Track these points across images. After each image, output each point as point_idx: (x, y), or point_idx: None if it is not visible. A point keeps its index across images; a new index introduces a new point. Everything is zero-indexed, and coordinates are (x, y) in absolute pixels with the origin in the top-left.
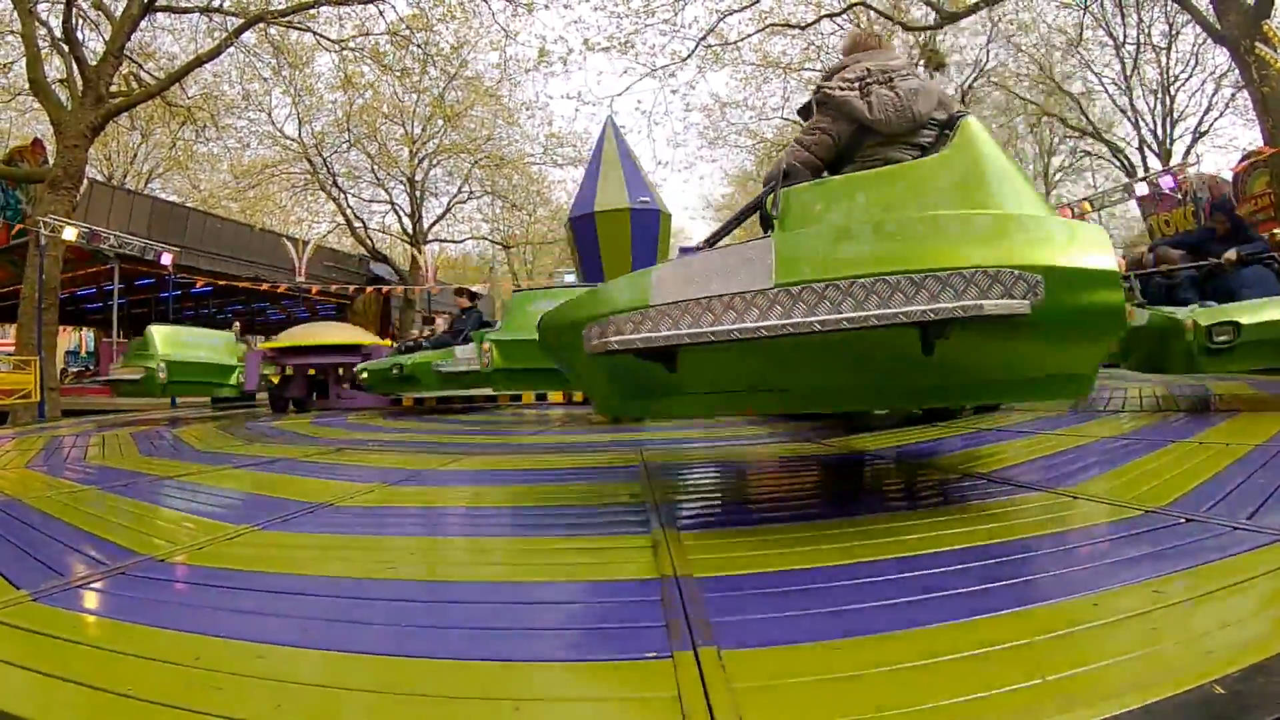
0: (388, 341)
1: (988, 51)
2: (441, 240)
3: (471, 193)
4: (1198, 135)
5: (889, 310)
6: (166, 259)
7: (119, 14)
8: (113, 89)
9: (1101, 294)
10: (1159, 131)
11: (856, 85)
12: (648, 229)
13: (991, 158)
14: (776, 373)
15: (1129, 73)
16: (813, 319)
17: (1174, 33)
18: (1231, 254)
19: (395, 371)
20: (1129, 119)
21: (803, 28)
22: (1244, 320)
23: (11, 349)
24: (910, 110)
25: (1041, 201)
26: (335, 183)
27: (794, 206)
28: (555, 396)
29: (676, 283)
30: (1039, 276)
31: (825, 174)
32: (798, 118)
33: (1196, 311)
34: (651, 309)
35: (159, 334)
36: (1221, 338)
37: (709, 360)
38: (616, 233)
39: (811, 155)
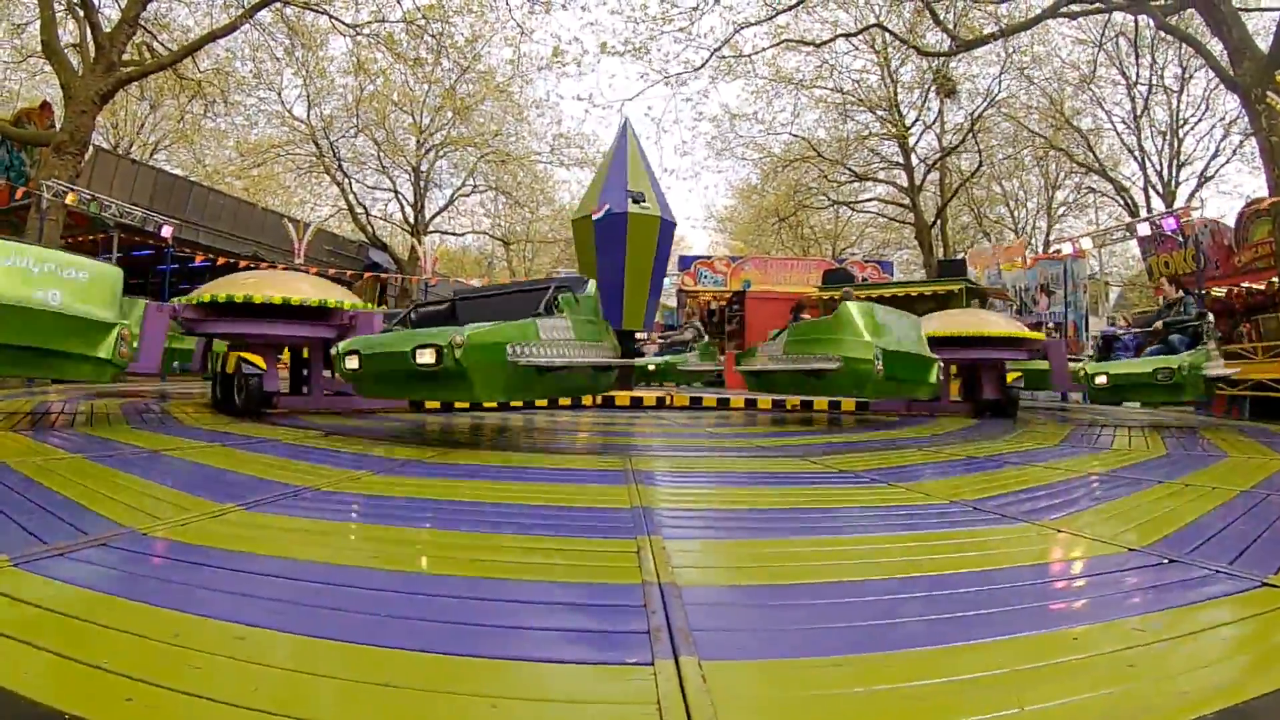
0: (371, 306)
1: (1000, 81)
2: (442, 232)
3: (475, 187)
4: (1203, 179)
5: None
6: (166, 231)
7: None
8: (125, 57)
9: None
10: (1165, 173)
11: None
12: (666, 238)
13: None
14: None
15: (1139, 113)
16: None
17: (1187, 76)
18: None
19: None
20: (1136, 158)
21: (817, 45)
22: (1111, 370)
23: None
24: None
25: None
26: (340, 167)
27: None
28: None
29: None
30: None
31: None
32: (804, 135)
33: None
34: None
35: None
36: (1099, 379)
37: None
38: (645, 239)
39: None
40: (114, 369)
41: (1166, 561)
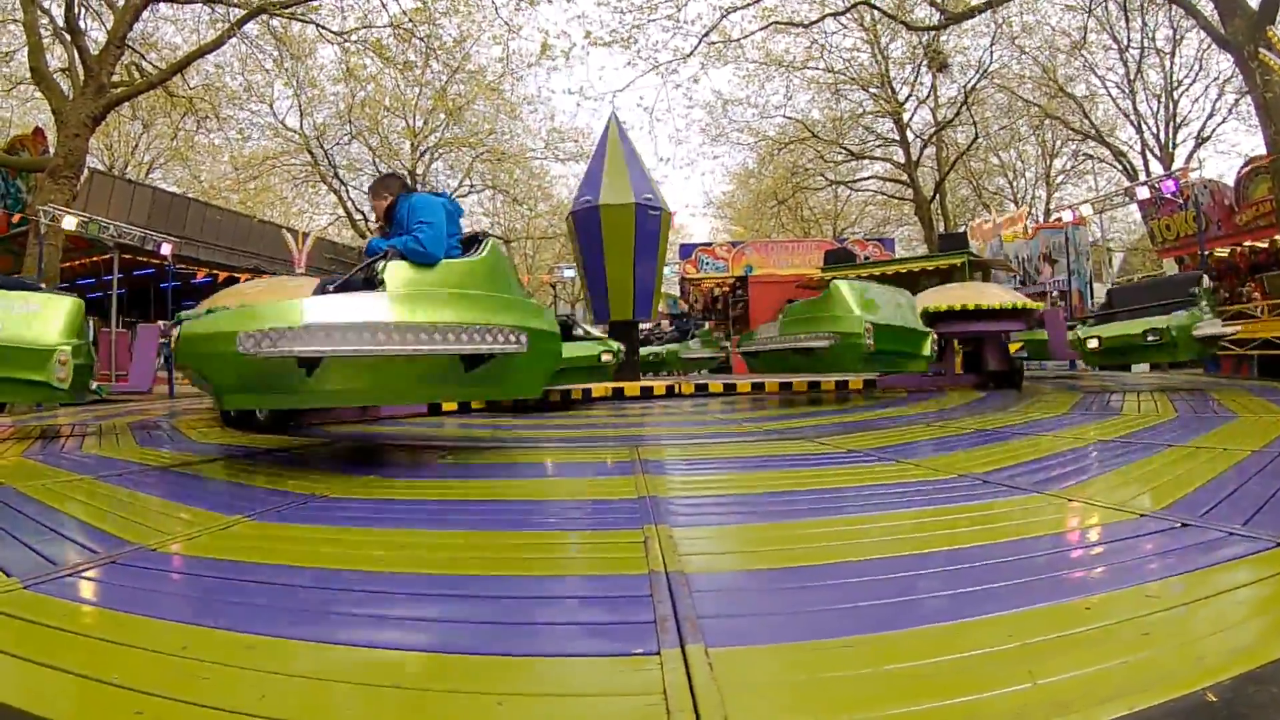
0: None
1: (991, 53)
2: None
3: (472, 186)
4: (1200, 140)
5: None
6: (166, 249)
7: (122, 3)
8: (114, 79)
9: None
10: (1161, 136)
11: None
12: (650, 226)
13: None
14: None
15: (1132, 76)
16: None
17: (1178, 37)
18: None
19: None
20: (1131, 123)
21: (806, 26)
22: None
23: None
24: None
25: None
26: (336, 175)
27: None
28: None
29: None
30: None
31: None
32: (798, 117)
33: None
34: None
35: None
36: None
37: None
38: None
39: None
40: (52, 391)
41: (1180, 525)
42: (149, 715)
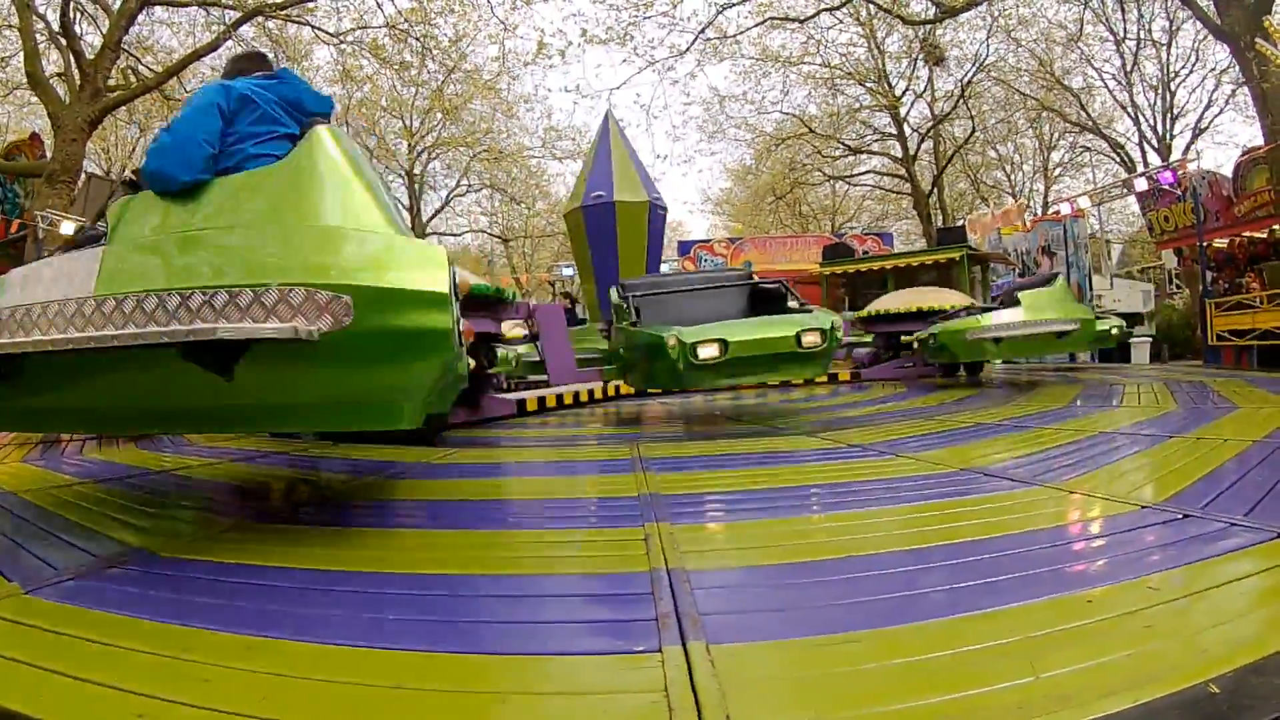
0: None
1: (987, 46)
2: (440, 234)
3: (470, 186)
4: (1198, 132)
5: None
6: None
7: (116, 7)
8: (110, 83)
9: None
10: (1159, 127)
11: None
12: (658, 224)
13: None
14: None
15: (1129, 68)
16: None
17: (1174, 28)
18: None
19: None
20: (1129, 115)
21: (802, 21)
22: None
23: None
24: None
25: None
26: None
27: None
28: None
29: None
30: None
31: None
32: (795, 113)
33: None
34: None
35: None
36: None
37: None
38: (635, 225)
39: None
40: None
41: (1181, 517)
42: (151, 718)
